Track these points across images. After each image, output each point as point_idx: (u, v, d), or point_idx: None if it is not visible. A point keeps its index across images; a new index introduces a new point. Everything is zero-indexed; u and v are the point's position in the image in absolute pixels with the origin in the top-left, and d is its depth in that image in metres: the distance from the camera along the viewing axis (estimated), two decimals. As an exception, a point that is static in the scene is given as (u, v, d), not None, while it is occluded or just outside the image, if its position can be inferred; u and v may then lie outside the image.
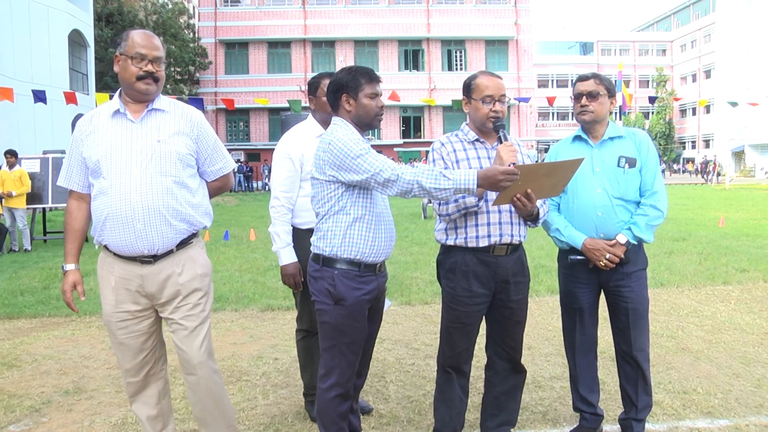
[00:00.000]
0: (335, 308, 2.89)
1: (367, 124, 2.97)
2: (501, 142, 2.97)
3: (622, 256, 3.26)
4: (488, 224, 3.06)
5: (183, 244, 2.93)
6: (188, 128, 2.94)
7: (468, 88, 3.14)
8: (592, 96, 3.32)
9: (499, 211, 3.06)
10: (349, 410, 3.08)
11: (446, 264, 3.18)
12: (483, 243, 3.06)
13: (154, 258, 2.85)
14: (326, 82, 3.59)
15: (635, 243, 3.29)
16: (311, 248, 3.01)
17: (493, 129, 3.08)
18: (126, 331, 2.90)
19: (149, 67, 2.80)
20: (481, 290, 3.10)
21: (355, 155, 2.74)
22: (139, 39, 2.80)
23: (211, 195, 3.14)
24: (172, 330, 2.96)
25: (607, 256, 3.25)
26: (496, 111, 3.05)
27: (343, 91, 2.93)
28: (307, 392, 3.90)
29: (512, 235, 3.09)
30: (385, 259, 3.04)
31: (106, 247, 2.92)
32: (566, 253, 3.47)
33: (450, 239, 3.12)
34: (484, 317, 3.24)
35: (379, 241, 2.93)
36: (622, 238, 3.27)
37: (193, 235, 2.99)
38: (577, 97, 3.38)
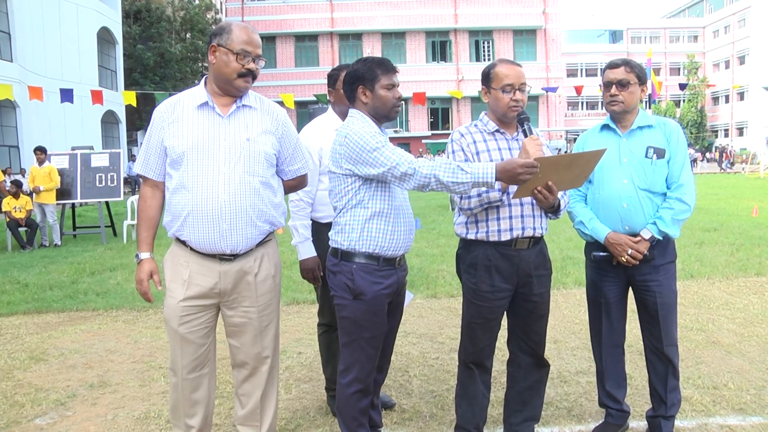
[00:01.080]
0: (354, 303, 2.85)
1: (384, 115, 2.92)
2: (526, 135, 2.89)
3: (646, 252, 3.16)
4: (510, 217, 2.98)
5: (261, 242, 2.91)
6: (274, 127, 2.91)
7: (487, 77, 3.06)
8: (622, 85, 3.20)
9: (521, 204, 2.98)
10: (369, 406, 3.05)
11: (467, 258, 3.11)
12: (505, 237, 2.98)
13: (234, 257, 2.83)
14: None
15: (660, 238, 3.19)
16: (329, 242, 2.97)
17: (516, 121, 3.00)
18: (189, 325, 2.85)
19: (252, 65, 2.76)
20: (503, 285, 3.03)
21: (371, 148, 2.70)
22: (244, 35, 2.74)
23: (285, 192, 3.10)
24: (237, 326, 2.94)
25: (629, 251, 3.15)
26: (517, 100, 2.97)
27: (359, 83, 2.89)
28: (329, 386, 3.87)
29: (534, 228, 3.02)
30: (404, 253, 2.99)
31: (182, 241, 2.85)
32: (592, 246, 3.38)
33: (471, 233, 3.05)
34: (505, 311, 3.18)
35: (398, 234, 2.88)
36: (646, 233, 3.16)
37: (270, 233, 2.98)
38: (607, 85, 3.26)
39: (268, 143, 2.86)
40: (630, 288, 3.40)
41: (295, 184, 3.14)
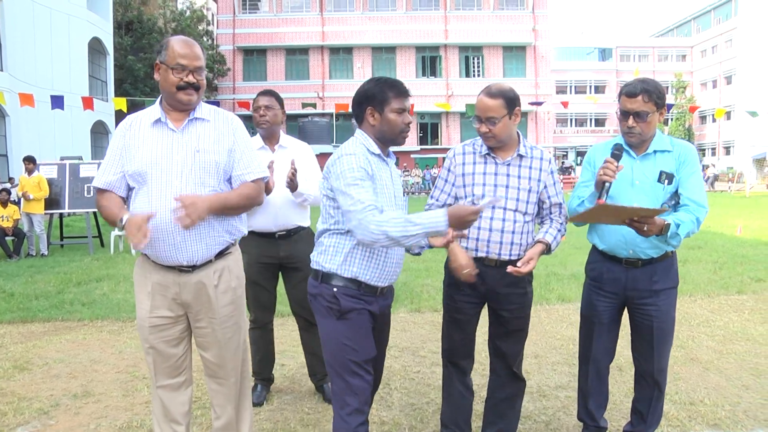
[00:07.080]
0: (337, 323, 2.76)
1: (391, 140, 2.81)
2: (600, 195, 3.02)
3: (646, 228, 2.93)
4: (477, 239, 3.11)
5: (221, 253, 2.92)
6: (228, 135, 2.89)
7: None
8: (640, 117, 3.06)
9: (490, 230, 3.08)
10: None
11: (449, 263, 3.21)
12: (471, 254, 3.11)
13: (192, 268, 2.84)
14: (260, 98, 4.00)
15: (673, 231, 2.96)
16: (311, 264, 2.85)
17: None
18: (158, 336, 2.88)
19: (190, 78, 2.77)
20: (468, 291, 3.18)
21: (347, 183, 2.63)
22: (180, 48, 2.76)
23: (247, 207, 2.96)
24: (203, 338, 2.96)
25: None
26: (482, 132, 3.06)
27: (368, 104, 2.77)
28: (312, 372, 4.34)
29: (500, 254, 3.09)
30: (388, 285, 2.92)
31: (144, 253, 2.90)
32: (594, 255, 3.39)
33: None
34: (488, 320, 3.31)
35: (381, 265, 2.80)
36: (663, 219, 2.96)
37: (231, 245, 2.98)
38: (624, 114, 3.12)
39: (222, 153, 2.84)
40: (625, 309, 3.37)
41: (249, 193, 2.90)
